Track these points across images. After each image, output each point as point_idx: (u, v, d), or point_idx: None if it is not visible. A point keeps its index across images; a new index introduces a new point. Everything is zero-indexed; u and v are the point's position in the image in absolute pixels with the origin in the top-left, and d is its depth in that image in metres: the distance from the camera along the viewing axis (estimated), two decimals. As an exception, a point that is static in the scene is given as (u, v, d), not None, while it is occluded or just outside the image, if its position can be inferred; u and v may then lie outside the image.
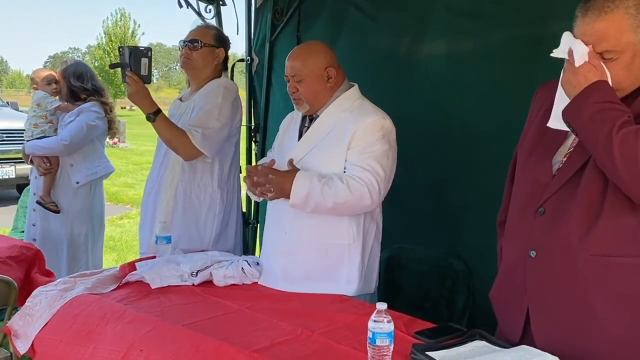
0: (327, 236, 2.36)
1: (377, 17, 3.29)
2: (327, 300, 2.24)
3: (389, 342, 1.62)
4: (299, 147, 2.44)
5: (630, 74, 1.60)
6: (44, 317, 2.20)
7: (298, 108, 2.48)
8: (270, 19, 3.78)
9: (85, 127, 3.79)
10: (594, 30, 1.58)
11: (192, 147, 2.76)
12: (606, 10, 1.56)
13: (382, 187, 2.30)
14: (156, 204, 2.94)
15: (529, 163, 1.84)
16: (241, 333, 1.93)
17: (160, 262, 2.50)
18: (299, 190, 2.28)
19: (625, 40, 1.56)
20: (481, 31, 2.83)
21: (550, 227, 1.71)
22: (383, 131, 2.33)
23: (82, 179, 3.87)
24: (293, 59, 2.43)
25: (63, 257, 3.82)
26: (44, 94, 3.90)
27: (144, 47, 2.72)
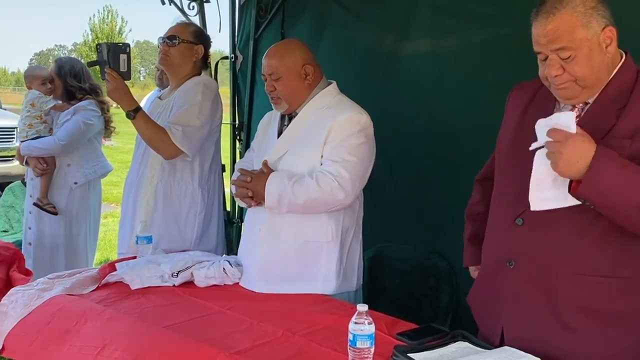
0: (304, 234, 2.34)
1: (361, 14, 3.28)
2: (309, 300, 2.22)
3: (369, 344, 1.61)
4: (278, 145, 2.42)
5: (592, 69, 1.62)
6: (19, 315, 2.16)
7: (276, 107, 2.45)
8: (255, 16, 3.75)
9: (82, 126, 3.72)
10: (546, 31, 1.62)
11: (173, 146, 2.72)
12: (554, 12, 1.61)
13: (354, 178, 2.27)
14: (136, 204, 2.90)
15: (507, 168, 1.84)
16: (221, 334, 1.91)
17: (141, 262, 2.46)
18: (272, 191, 2.28)
19: (578, 37, 1.59)
20: (464, 29, 2.83)
21: (530, 239, 1.72)
22: (360, 126, 2.32)
23: (80, 179, 3.80)
24: (270, 57, 2.41)
25: (61, 260, 3.74)
26: (38, 94, 3.81)
27: (122, 43, 2.69)
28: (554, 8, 1.61)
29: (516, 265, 1.75)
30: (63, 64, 3.84)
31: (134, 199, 2.91)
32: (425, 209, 2.98)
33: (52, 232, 3.75)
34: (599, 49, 1.61)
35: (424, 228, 2.96)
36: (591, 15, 1.60)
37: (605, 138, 1.61)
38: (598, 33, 1.60)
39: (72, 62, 3.92)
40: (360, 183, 2.33)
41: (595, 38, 1.60)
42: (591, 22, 1.60)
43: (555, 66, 1.63)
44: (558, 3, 1.61)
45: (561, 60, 1.62)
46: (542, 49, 1.65)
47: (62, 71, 3.80)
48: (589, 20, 1.60)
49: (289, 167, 2.34)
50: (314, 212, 2.31)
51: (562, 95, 1.69)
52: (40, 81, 3.81)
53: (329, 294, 2.32)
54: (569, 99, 1.69)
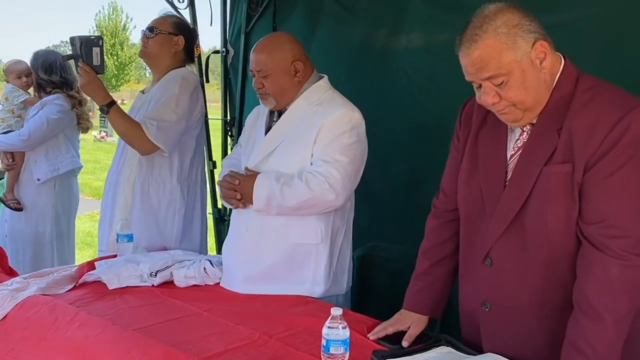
0: (293, 236, 2.25)
1: (353, 8, 3.20)
2: (291, 302, 2.15)
3: (343, 350, 1.54)
4: (266, 142, 2.33)
5: (528, 91, 1.53)
6: None
7: (264, 103, 2.36)
8: (246, 9, 3.66)
9: (45, 122, 3.61)
10: (472, 60, 1.52)
11: (147, 141, 2.63)
12: (475, 39, 1.51)
13: (345, 179, 2.18)
14: (114, 201, 2.82)
15: (468, 203, 1.76)
16: (195, 338, 1.84)
17: (120, 261, 2.40)
18: (259, 193, 2.19)
19: (507, 61, 1.49)
20: (458, 23, 2.72)
21: (500, 282, 1.66)
22: (351, 124, 2.22)
23: (42, 176, 3.69)
24: (258, 52, 2.30)
25: (27, 256, 3.67)
26: (12, 87, 3.76)
27: (95, 36, 2.62)
28: (474, 35, 1.51)
29: (491, 309, 1.69)
30: (37, 57, 3.75)
31: (113, 196, 2.84)
32: (418, 208, 2.88)
33: (19, 228, 3.69)
34: (532, 67, 1.51)
35: (415, 228, 2.87)
36: (516, 35, 1.49)
37: (547, 165, 1.54)
38: (528, 51, 1.50)
39: (46, 55, 3.80)
40: (351, 184, 2.24)
41: (526, 57, 1.50)
42: (517, 42, 1.49)
43: (490, 94, 1.54)
44: (478, 28, 1.51)
45: (495, 87, 1.52)
46: (473, 79, 1.56)
47: (35, 64, 3.71)
48: (514, 41, 1.49)
49: (278, 166, 2.24)
50: (304, 214, 2.23)
51: (506, 120, 1.61)
52: (16, 74, 3.76)
53: (316, 297, 2.24)
54: (513, 122, 1.61)
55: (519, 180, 1.59)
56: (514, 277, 1.63)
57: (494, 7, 1.54)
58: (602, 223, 1.48)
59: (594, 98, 1.53)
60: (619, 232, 1.47)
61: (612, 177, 1.47)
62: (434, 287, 1.88)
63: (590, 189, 1.50)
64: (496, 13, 1.52)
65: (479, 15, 1.54)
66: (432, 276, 1.88)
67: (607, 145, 1.47)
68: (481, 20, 1.52)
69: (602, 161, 1.48)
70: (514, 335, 1.65)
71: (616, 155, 1.47)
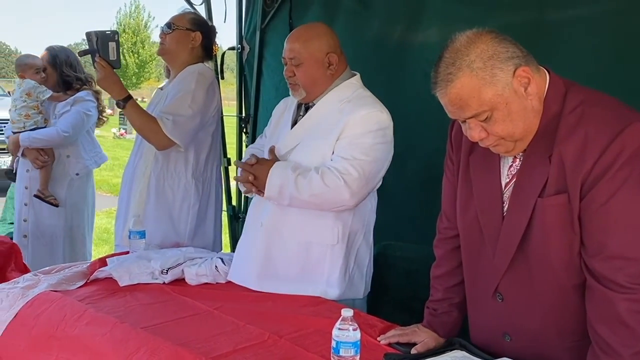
0: (309, 234, 2.21)
1: (370, 3, 3.16)
2: (302, 302, 2.11)
3: (354, 352, 1.49)
4: (290, 136, 2.28)
5: (516, 122, 1.43)
6: (5, 318, 2.09)
7: (293, 94, 2.30)
8: (262, 5, 3.63)
9: (84, 118, 3.68)
10: (450, 100, 1.43)
11: (163, 136, 2.63)
12: (450, 78, 1.41)
13: (362, 179, 2.12)
14: (130, 195, 2.83)
15: (467, 235, 1.70)
16: (204, 337, 1.81)
17: (131, 258, 2.38)
18: (273, 181, 2.14)
19: (488, 97, 1.40)
20: (475, 18, 2.68)
21: (516, 315, 1.60)
22: (378, 125, 2.16)
23: (81, 170, 3.77)
24: (293, 40, 2.25)
25: (60, 251, 3.69)
26: (34, 84, 3.74)
27: (111, 30, 2.61)
28: (448, 74, 1.41)
29: (512, 339, 1.63)
30: (57, 53, 3.76)
31: (128, 191, 2.85)
32: (435, 206, 2.85)
33: (51, 223, 3.69)
34: (517, 96, 1.41)
35: (431, 226, 2.83)
36: (493, 67, 1.39)
37: (541, 196, 1.46)
38: (509, 81, 1.40)
39: (66, 52, 3.84)
40: (368, 184, 2.17)
41: (508, 88, 1.40)
42: (496, 74, 1.39)
43: (477, 129, 1.45)
44: (451, 66, 1.41)
45: (480, 122, 1.44)
46: (455, 117, 1.48)
47: (57, 60, 3.72)
48: (492, 74, 1.39)
49: (300, 160, 2.20)
50: (316, 209, 2.17)
51: (497, 151, 1.53)
52: (34, 70, 3.73)
53: (332, 300, 2.19)
54: (505, 153, 1.53)
55: (516, 213, 1.52)
56: (528, 311, 1.57)
57: (465, 39, 1.43)
58: (603, 254, 1.41)
59: (582, 117, 1.42)
60: (622, 263, 1.39)
61: (608, 204, 1.39)
62: (451, 315, 1.82)
63: (587, 219, 1.42)
64: (468, 45, 1.41)
65: (450, 49, 1.44)
66: (447, 303, 1.82)
67: (600, 170, 1.38)
68: (453, 56, 1.42)
69: (596, 188, 1.39)
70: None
71: (610, 181, 1.38)
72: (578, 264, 1.47)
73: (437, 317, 1.82)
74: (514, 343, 1.62)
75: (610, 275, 1.39)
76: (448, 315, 1.81)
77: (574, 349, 1.52)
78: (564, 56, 2.26)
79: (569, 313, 1.52)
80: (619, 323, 1.38)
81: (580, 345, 1.49)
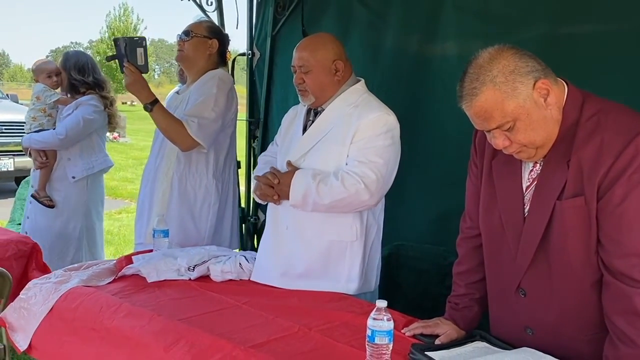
0: (330, 233, 2.33)
1: (385, 14, 3.22)
2: (325, 298, 2.21)
3: (388, 340, 1.59)
4: (304, 141, 2.40)
5: (537, 131, 1.55)
6: (41, 312, 2.18)
7: (303, 99, 2.43)
8: (272, 12, 3.73)
9: (82, 121, 3.72)
10: (475, 113, 1.55)
11: (189, 137, 2.75)
12: (475, 92, 1.52)
13: (380, 180, 2.25)
14: (152, 195, 2.93)
15: (489, 234, 1.80)
16: (237, 328, 1.90)
17: (157, 256, 2.47)
18: (297, 190, 2.27)
19: (510, 109, 1.51)
20: (489, 31, 2.77)
21: (538, 310, 1.70)
22: (387, 127, 2.29)
23: (78, 174, 3.81)
24: (301, 49, 2.39)
25: (53, 253, 3.69)
26: (44, 87, 3.83)
27: (138, 37, 2.72)
28: (473, 88, 1.52)
29: (534, 333, 1.72)
30: (69, 57, 3.86)
31: (151, 191, 2.94)
32: (450, 211, 2.93)
33: (46, 224, 3.76)
34: (537, 107, 1.53)
35: (445, 228, 2.92)
36: (514, 81, 1.50)
37: (560, 199, 1.57)
38: (530, 93, 1.51)
39: (77, 56, 3.92)
40: (385, 185, 2.31)
41: (529, 100, 1.51)
42: (517, 87, 1.50)
43: (500, 138, 1.57)
44: (475, 81, 1.52)
45: (504, 132, 1.55)
46: (481, 128, 1.60)
47: (68, 64, 3.81)
48: (514, 87, 1.50)
49: (314, 164, 2.32)
50: (338, 212, 2.30)
51: (520, 157, 1.64)
52: (46, 74, 3.83)
53: (351, 294, 2.31)
54: (528, 159, 1.64)
55: (537, 214, 1.63)
56: (549, 305, 1.67)
57: (487, 55, 1.54)
58: (620, 252, 1.51)
59: (599, 125, 1.53)
60: (637, 261, 1.49)
61: (623, 205, 1.49)
62: (472, 309, 1.93)
63: (604, 219, 1.52)
64: (491, 61, 1.52)
65: (474, 65, 1.54)
66: (468, 298, 1.93)
67: (615, 173, 1.49)
68: (477, 71, 1.53)
69: (612, 190, 1.49)
70: (564, 355, 1.65)
71: (625, 183, 1.48)
72: (595, 262, 1.57)
73: (458, 311, 1.92)
74: (536, 336, 1.71)
75: (626, 271, 1.50)
76: (469, 309, 1.92)
77: (594, 341, 1.61)
78: (575, 70, 2.36)
79: (588, 307, 1.62)
80: (636, 316, 1.49)
81: (599, 338, 1.59)
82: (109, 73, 31.09)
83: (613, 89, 2.24)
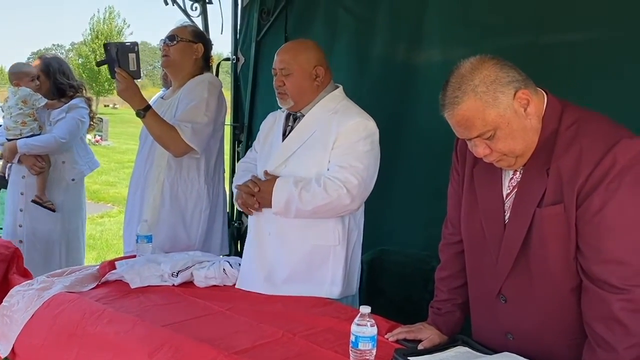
0: (312, 237, 2.35)
1: (371, 21, 3.24)
2: (310, 303, 2.22)
3: (371, 346, 1.61)
4: (284, 147, 2.41)
5: (517, 140, 1.57)
6: (23, 319, 2.17)
7: (282, 103, 2.44)
8: (257, 18, 3.74)
9: (79, 124, 3.76)
10: (458, 122, 1.58)
11: (182, 143, 2.73)
12: (457, 101, 1.55)
13: (362, 184, 2.28)
14: (142, 202, 2.90)
15: (469, 240, 1.83)
16: (221, 334, 1.91)
17: (141, 261, 2.46)
18: (279, 197, 2.28)
19: (491, 118, 1.54)
20: (472, 39, 2.80)
21: (519, 316, 1.72)
22: (366, 132, 2.32)
23: (76, 176, 3.83)
24: (284, 52, 2.41)
25: (56, 257, 3.73)
26: (30, 91, 3.77)
27: (130, 42, 2.68)
28: (455, 97, 1.55)
29: (515, 338, 1.74)
30: (50, 62, 3.84)
31: (141, 197, 2.92)
32: (436, 218, 2.96)
33: (49, 228, 3.74)
34: (517, 117, 1.55)
35: (428, 234, 2.94)
36: (495, 91, 1.53)
37: (540, 206, 1.60)
38: (510, 103, 1.54)
39: (58, 60, 3.93)
40: (366, 189, 2.33)
41: (509, 109, 1.54)
42: (498, 97, 1.53)
43: (481, 146, 1.59)
44: (457, 90, 1.55)
45: (484, 140, 1.58)
46: (463, 137, 1.63)
47: (51, 68, 3.79)
48: (495, 97, 1.53)
49: (295, 170, 2.34)
50: (321, 218, 2.32)
51: (500, 166, 1.67)
52: (30, 78, 3.78)
53: (334, 298, 2.33)
54: (508, 167, 1.66)
55: (517, 221, 1.65)
56: (530, 311, 1.69)
57: (469, 65, 1.57)
58: (598, 258, 1.53)
59: (578, 134, 1.56)
60: (615, 267, 1.51)
61: (602, 212, 1.51)
62: (454, 314, 1.95)
63: (583, 226, 1.54)
64: (472, 71, 1.55)
65: (456, 75, 1.57)
66: (451, 304, 1.95)
67: (594, 181, 1.51)
68: (459, 81, 1.55)
69: (591, 198, 1.52)
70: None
71: (604, 191, 1.50)
72: (574, 268, 1.60)
73: (441, 316, 1.94)
74: (517, 341, 1.73)
75: (605, 277, 1.53)
76: (451, 314, 1.94)
77: (574, 347, 1.64)
78: (558, 77, 2.39)
79: (568, 313, 1.64)
80: (614, 321, 1.52)
81: (579, 344, 1.61)
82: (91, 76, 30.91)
83: (595, 97, 2.29)
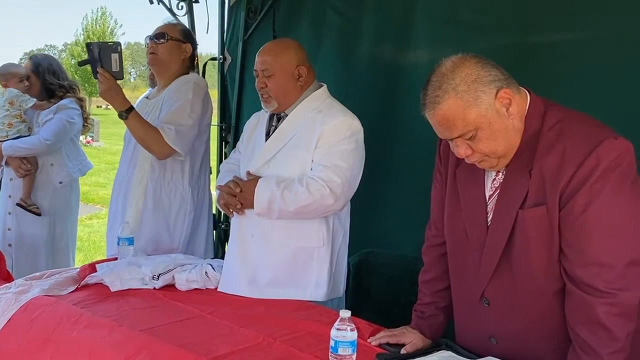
0: (296, 239, 2.30)
1: (358, 22, 3.21)
2: (292, 307, 2.18)
3: (351, 351, 1.58)
4: (267, 147, 2.37)
5: (498, 140, 1.54)
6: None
7: (265, 105, 2.41)
8: (244, 17, 3.71)
9: (67, 125, 3.67)
10: (437, 122, 1.54)
11: (166, 145, 2.68)
12: (437, 100, 1.51)
13: (345, 184, 2.24)
14: (125, 204, 2.85)
15: (452, 243, 1.80)
16: (201, 339, 1.87)
17: (121, 264, 2.42)
18: (261, 197, 2.24)
19: (472, 118, 1.50)
20: (460, 39, 2.78)
21: (502, 320, 1.69)
22: (351, 131, 2.29)
23: (65, 178, 3.74)
24: (264, 53, 2.37)
25: (42, 261, 3.67)
26: (17, 92, 3.71)
27: (113, 42, 2.63)
28: (435, 97, 1.52)
29: (499, 342, 1.71)
30: (40, 62, 3.77)
31: (124, 200, 2.87)
32: (424, 220, 2.93)
33: (34, 233, 3.67)
34: (499, 116, 1.52)
35: (414, 236, 2.91)
36: (477, 90, 1.49)
37: (522, 208, 1.56)
38: (492, 103, 1.50)
39: (49, 60, 3.85)
40: (350, 189, 2.29)
41: (491, 109, 1.51)
42: (479, 96, 1.50)
43: (463, 147, 1.56)
44: (438, 89, 1.51)
45: (466, 141, 1.54)
46: (443, 136, 1.59)
47: (40, 68, 3.72)
48: (476, 96, 1.49)
49: (279, 170, 2.30)
50: (304, 218, 2.28)
51: (482, 167, 1.64)
52: (18, 79, 3.71)
53: (319, 301, 2.29)
54: (490, 168, 1.64)
55: (499, 223, 1.62)
56: (513, 314, 1.66)
57: (450, 63, 1.53)
58: (582, 261, 1.50)
59: (561, 134, 1.53)
60: (599, 270, 1.48)
61: (585, 214, 1.49)
62: (438, 317, 1.91)
63: (566, 228, 1.52)
64: (453, 70, 1.52)
65: (437, 73, 1.54)
66: (434, 307, 1.91)
67: (577, 182, 1.48)
68: (440, 79, 1.52)
69: (574, 199, 1.49)
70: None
71: (587, 192, 1.48)
72: (557, 272, 1.57)
73: (424, 320, 1.91)
74: (500, 345, 1.70)
75: (588, 280, 1.49)
76: (435, 318, 1.91)
77: (558, 351, 1.61)
78: (544, 77, 2.36)
79: (551, 317, 1.61)
80: (598, 325, 1.49)
81: (564, 348, 1.58)
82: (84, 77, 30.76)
83: (581, 98, 2.27)
